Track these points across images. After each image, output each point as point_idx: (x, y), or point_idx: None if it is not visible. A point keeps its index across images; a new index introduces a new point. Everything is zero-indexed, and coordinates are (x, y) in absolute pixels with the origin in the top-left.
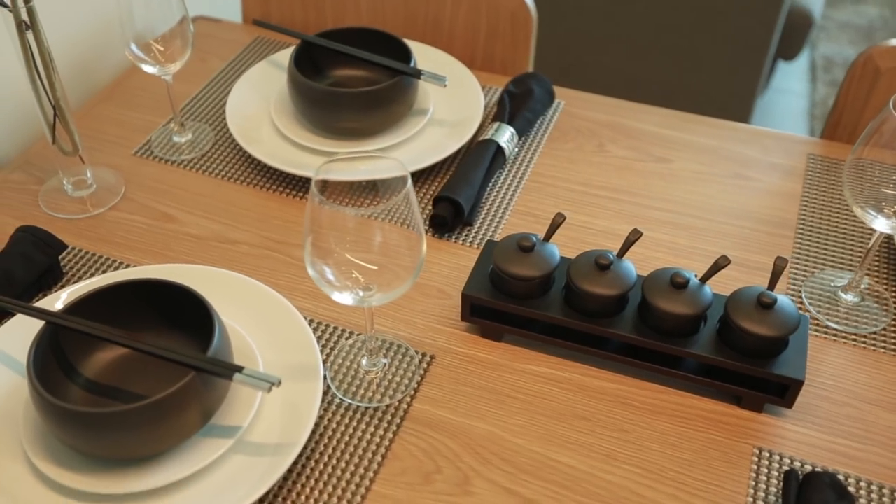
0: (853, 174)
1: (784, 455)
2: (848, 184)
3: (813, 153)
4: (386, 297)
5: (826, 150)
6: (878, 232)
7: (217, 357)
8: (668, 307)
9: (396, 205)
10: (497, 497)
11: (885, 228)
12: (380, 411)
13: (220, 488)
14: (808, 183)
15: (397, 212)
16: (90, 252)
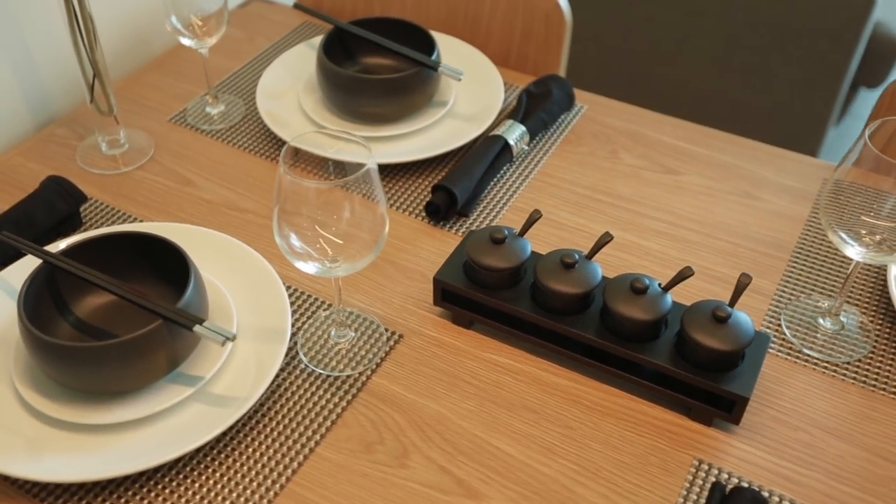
0: (831, 198)
1: (724, 470)
2: (825, 207)
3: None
4: (349, 269)
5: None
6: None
7: (188, 309)
8: (624, 311)
9: (358, 180)
10: (429, 473)
11: (858, 256)
12: (339, 380)
13: (176, 431)
14: (817, 208)
15: (360, 188)
16: (111, 206)
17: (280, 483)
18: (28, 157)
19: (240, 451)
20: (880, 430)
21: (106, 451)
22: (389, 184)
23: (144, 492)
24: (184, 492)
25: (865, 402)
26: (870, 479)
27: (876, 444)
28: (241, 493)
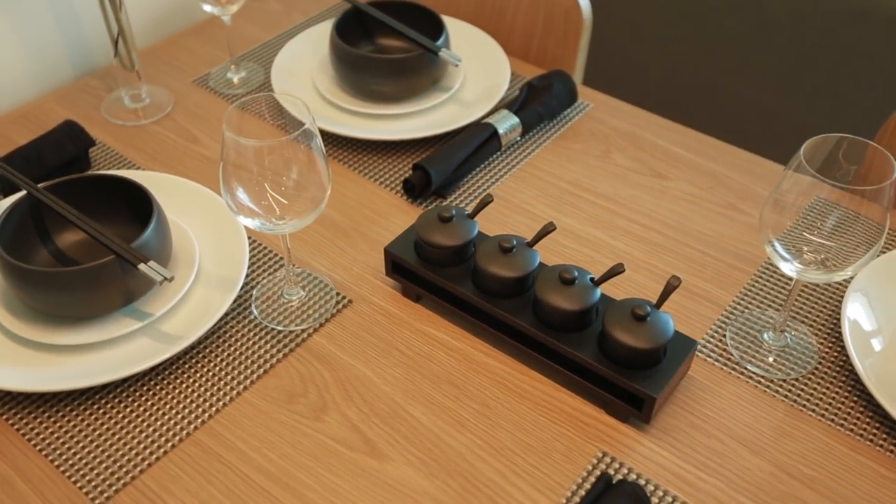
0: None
1: (625, 465)
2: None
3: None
4: (295, 226)
5: None
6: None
7: (146, 248)
8: (550, 299)
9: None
10: (341, 429)
11: (791, 272)
12: (282, 335)
13: (122, 358)
14: None
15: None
16: (120, 154)
17: (202, 419)
18: (59, 104)
19: (174, 384)
20: (796, 448)
21: (60, 368)
22: (381, 159)
23: (88, 404)
24: (115, 413)
25: (790, 420)
26: (770, 493)
27: (787, 461)
28: (165, 423)
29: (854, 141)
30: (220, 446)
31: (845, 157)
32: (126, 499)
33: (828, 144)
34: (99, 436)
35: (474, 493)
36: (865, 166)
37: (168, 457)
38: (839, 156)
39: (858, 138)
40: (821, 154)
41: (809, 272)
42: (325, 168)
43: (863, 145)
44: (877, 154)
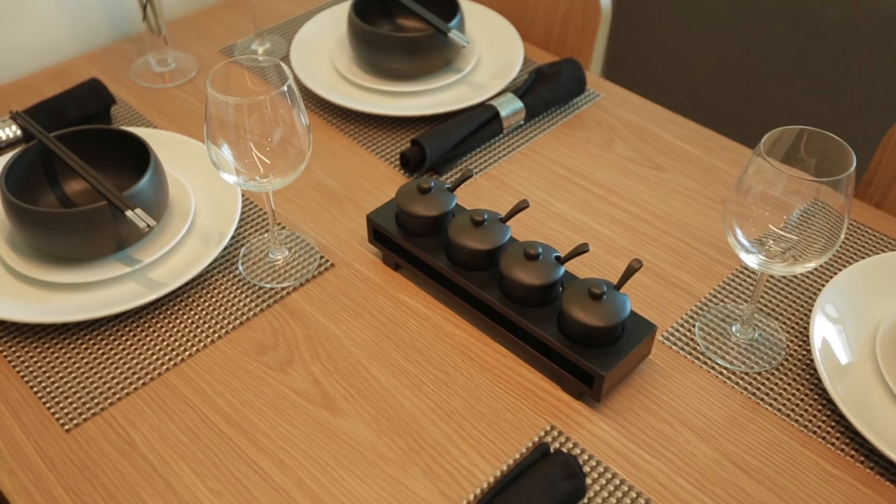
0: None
1: (571, 439)
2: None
3: (819, 199)
4: (274, 185)
5: None
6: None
7: (139, 197)
8: (512, 273)
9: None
10: (303, 383)
11: (753, 264)
12: (263, 291)
13: (109, 299)
14: None
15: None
16: (140, 113)
17: (175, 361)
18: (92, 64)
19: (154, 327)
20: (745, 439)
21: (52, 304)
22: (385, 134)
23: (72, 338)
24: (95, 349)
25: (745, 412)
26: (711, 479)
27: (734, 450)
28: (140, 362)
29: (814, 133)
30: (188, 388)
31: (806, 149)
32: (93, 427)
33: (789, 136)
34: (77, 368)
35: (419, 452)
36: (826, 158)
37: (137, 393)
38: (800, 148)
39: (819, 130)
40: (782, 146)
41: (773, 264)
42: (305, 132)
43: (823, 137)
44: (836, 146)
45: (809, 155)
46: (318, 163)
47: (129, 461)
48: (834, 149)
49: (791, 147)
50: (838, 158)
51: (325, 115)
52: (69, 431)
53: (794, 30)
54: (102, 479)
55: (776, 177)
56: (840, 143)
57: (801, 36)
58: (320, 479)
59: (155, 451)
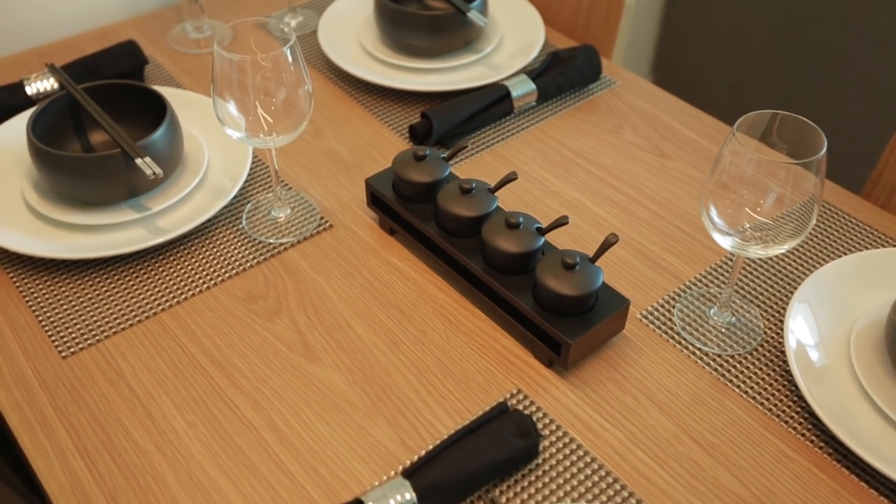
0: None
1: (535, 403)
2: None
3: None
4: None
5: (838, 199)
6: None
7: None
8: (492, 240)
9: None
10: (287, 331)
11: (728, 246)
12: (262, 245)
13: (118, 240)
14: None
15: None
16: (171, 75)
17: (171, 303)
18: (135, 28)
19: (155, 270)
20: (707, 417)
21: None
22: (400, 107)
23: (79, 274)
24: (98, 285)
25: (711, 391)
26: (668, 452)
27: (694, 426)
28: (138, 301)
29: (787, 117)
30: (179, 328)
31: (779, 134)
32: (87, 356)
33: (763, 120)
34: (80, 301)
35: (386, 403)
36: (799, 142)
37: (132, 329)
38: (773, 133)
39: (792, 114)
40: (756, 130)
41: (748, 247)
42: (306, 93)
43: (797, 121)
44: (809, 129)
45: (782, 139)
46: (332, 131)
47: (115, 389)
48: (807, 133)
49: (765, 131)
50: (811, 142)
51: (345, 87)
52: (65, 358)
53: (845, 35)
54: (89, 403)
55: (750, 158)
56: (812, 127)
57: (851, 42)
58: (289, 420)
59: (140, 382)
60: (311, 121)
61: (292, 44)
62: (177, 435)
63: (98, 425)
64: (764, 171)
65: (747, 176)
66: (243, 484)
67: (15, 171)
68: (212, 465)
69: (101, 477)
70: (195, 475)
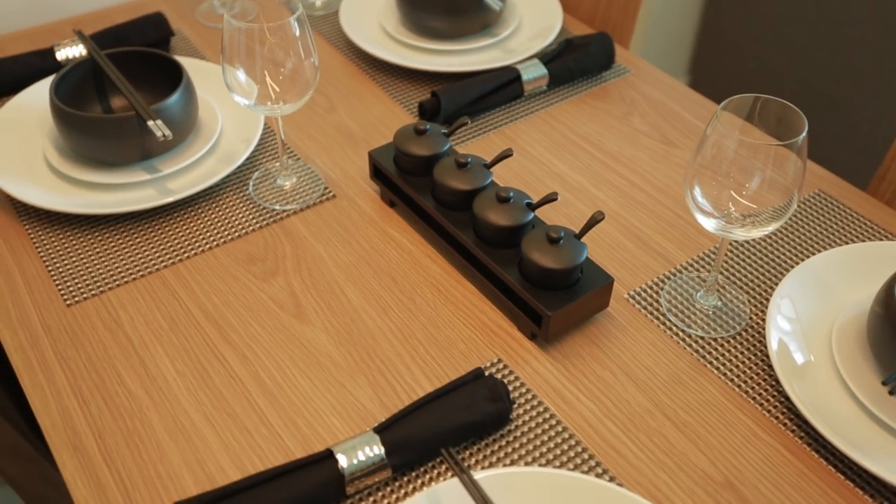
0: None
1: (514, 373)
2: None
3: (823, 190)
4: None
5: (840, 192)
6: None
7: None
8: (483, 213)
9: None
10: (280, 293)
11: (711, 227)
12: (266, 210)
13: (127, 200)
14: None
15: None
16: (196, 47)
17: (173, 260)
18: (166, 2)
19: (161, 229)
20: (683, 396)
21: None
22: (413, 86)
23: (90, 229)
24: (107, 240)
25: (690, 372)
26: (639, 426)
27: (669, 403)
28: (143, 257)
29: (768, 100)
30: (178, 285)
31: (762, 117)
32: (89, 306)
33: (745, 104)
34: (88, 254)
35: (369, 365)
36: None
37: (135, 283)
38: (756, 116)
39: (773, 98)
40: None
41: (731, 229)
42: (312, 66)
43: (779, 104)
44: (791, 112)
45: (765, 123)
46: (345, 107)
47: (113, 337)
48: (789, 116)
49: (748, 115)
50: (793, 125)
51: (363, 65)
52: (69, 306)
53: (885, 38)
54: (87, 348)
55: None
56: (794, 110)
57: (891, 45)
58: (274, 375)
59: (137, 332)
60: (326, 96)
61: (299, 15)
62: (166, 382)
63: (94, 369)
64: (747, 153)
65: (730, 157)
66: (224, 431)
67: (39, 132)
68: (196, 412)
69: (92, 417)
70: (180, 420)
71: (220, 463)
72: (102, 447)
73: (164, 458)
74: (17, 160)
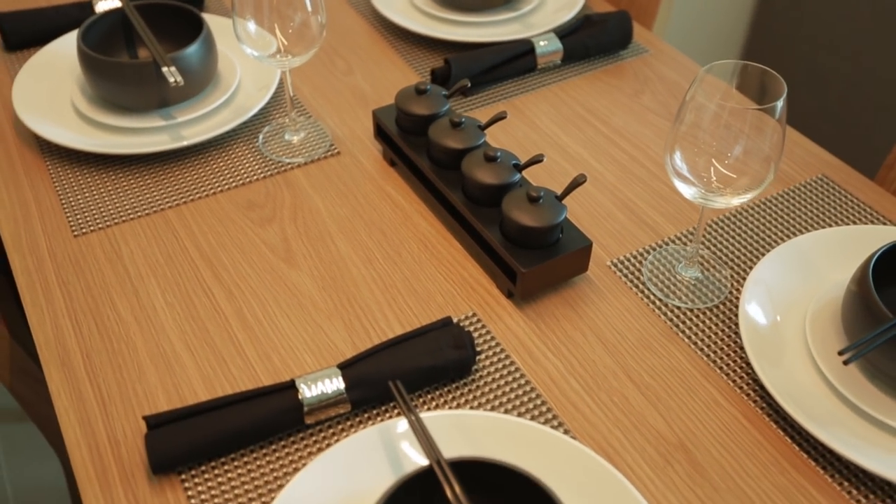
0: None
1: (486, 326)
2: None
3: (826, 175)
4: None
5: (844, 179)
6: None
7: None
8: (470, 171)
9: None
10: (274, 238)
11: (690, 194)
12: (272, 162)
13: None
14: (787, 195)
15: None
16: (228, 7)
17: (178, 202)
18: None
19: (171, 171)
20: (650, 360)
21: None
22: (430, 54)
23: (105, 168)
24: (119, 179)
25: (661, 339)
26: (601, 385)
27: (635, 367)
28: (150, 196)
29: (747, 66)
30: (179, 224)
31: (744, 84)
32: (94, 238)
33: (727, 70)
34: (100, 191)
35: (347, 309)
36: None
37: (139, 220)
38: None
39: (754, 64)
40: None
41: (709, 196)
42: (318, 24)
43: (758, 69)
44: (770, 77)
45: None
46: (362, 71)
47: (112, 267)
48: (769, 82)
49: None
50: (773, 91)
51: (385, 34)
52: (76, 237)
53: None
54: (87, 276)
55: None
56: (773, 75)
57: None
58: (256, 312)
59: (135, 264)
60: (345, 60)
61: None
62: (155, 311)
63: (90, 295)
64: (726, 118)
65: (710, 122)
66: (202, 359)
67: (69, 77)
68: (179, 340)
69: (83, 336)
70: (162, 346)
71: (193, 388)
72: (88, 365)
73: (142, 378)
74: (46, 103)
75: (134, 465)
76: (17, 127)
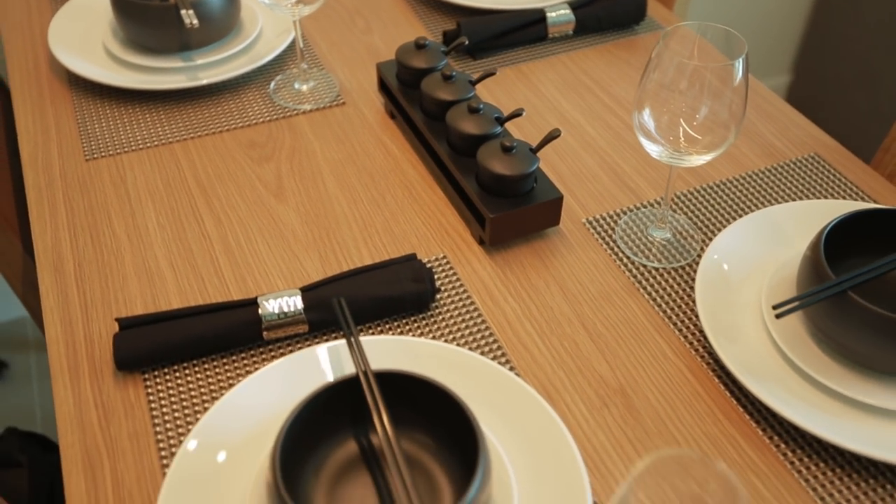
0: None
1: (454, 269)
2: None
3: (819, 154)
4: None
5: (837, 159)
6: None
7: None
8: (454, 122)
9: None
10: (268, 174)
11: (655, 153)
12: (280, 108)
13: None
14: (775, 169)
15: None
16: None
17: (185, 137)
18: None
19: (183, 109)
20: (606, 311)
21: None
22: (446, 19)
23: (125, 101)
24: (134, 111)
25: (621, 293)
26: (554, 330)
27: (590, 316)
28: (162, 129)
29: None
30: (183, 157)
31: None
32: (103, 163)
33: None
34: (115, 122)
35: (325, 243)
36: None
37: (147, 150)
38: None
39: (716, 25)
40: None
41: (675, 155)
42: None
43: (721, 30)
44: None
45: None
46: (380, 31)
47: (115, 190)
48: (731, 41)
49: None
50: (734, 50)
51: None
52: (87, 161)
53: None
54: (91, 195)
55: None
56: (735, 35)
57: None
58: (239, 238)
59: (136, 189)
60: (365, 19)
61: None
62: (147, 231)
63: (91, 212)
64: (689, 77)
65: (674, 81)
66: (182, 277)
67: (104, 20)
68: (164, 258)
69: (77, 247)
70: (147, 262)
71: (170, 300)
72: (78, 272)
73: (125, 288)
74: (79, 42)
75: (104, 362)
76: (51, 62)
